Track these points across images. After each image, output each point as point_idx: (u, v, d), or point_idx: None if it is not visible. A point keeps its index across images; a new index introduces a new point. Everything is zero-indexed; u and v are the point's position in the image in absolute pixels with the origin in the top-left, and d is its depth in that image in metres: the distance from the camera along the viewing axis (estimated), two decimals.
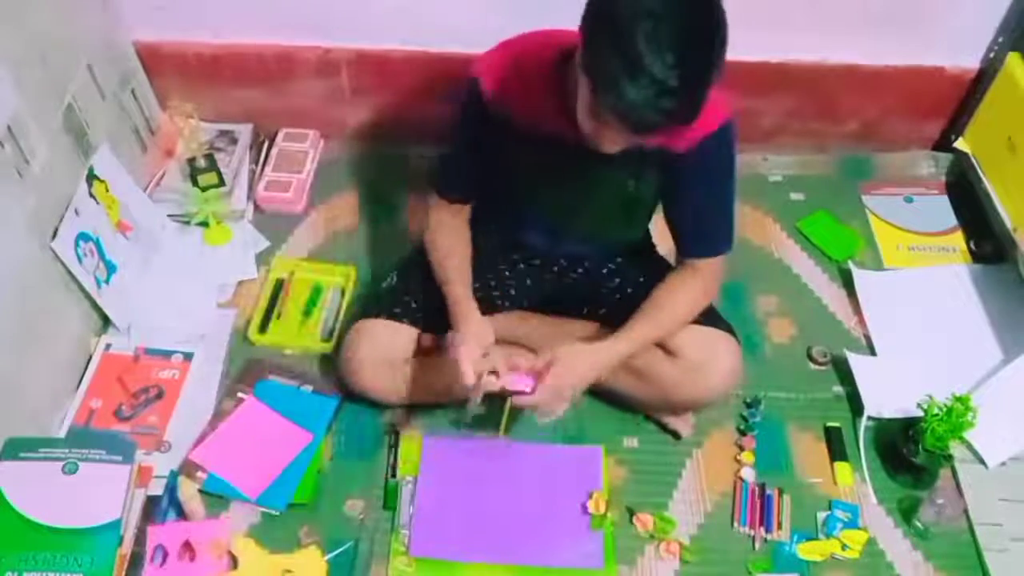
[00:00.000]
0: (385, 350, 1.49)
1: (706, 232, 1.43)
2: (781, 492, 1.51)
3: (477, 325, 1.39)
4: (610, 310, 1.53)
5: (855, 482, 1.53)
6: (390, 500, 1.48)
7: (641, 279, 1.51)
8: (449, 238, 1.50)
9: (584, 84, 1.12)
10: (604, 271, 1.57)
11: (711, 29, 1.06)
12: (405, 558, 1.42)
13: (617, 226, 1.51)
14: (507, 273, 1.59)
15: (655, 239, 1.62)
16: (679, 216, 1.42)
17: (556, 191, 1.42)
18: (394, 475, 1.51)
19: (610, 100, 1.08)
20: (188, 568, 1.36)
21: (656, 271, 1.48)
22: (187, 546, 1.37)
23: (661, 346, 1.46)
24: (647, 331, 1.40)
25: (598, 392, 1.59)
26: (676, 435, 1.57)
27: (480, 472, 1.52)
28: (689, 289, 1.43)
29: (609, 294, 1.55)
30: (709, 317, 1.50)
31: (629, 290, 1.53)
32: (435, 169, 1.52)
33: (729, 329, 1.50)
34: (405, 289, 1.55)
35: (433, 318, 1.53)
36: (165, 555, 1.37)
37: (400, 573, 1.40)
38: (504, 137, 1.35)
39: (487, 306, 1.56)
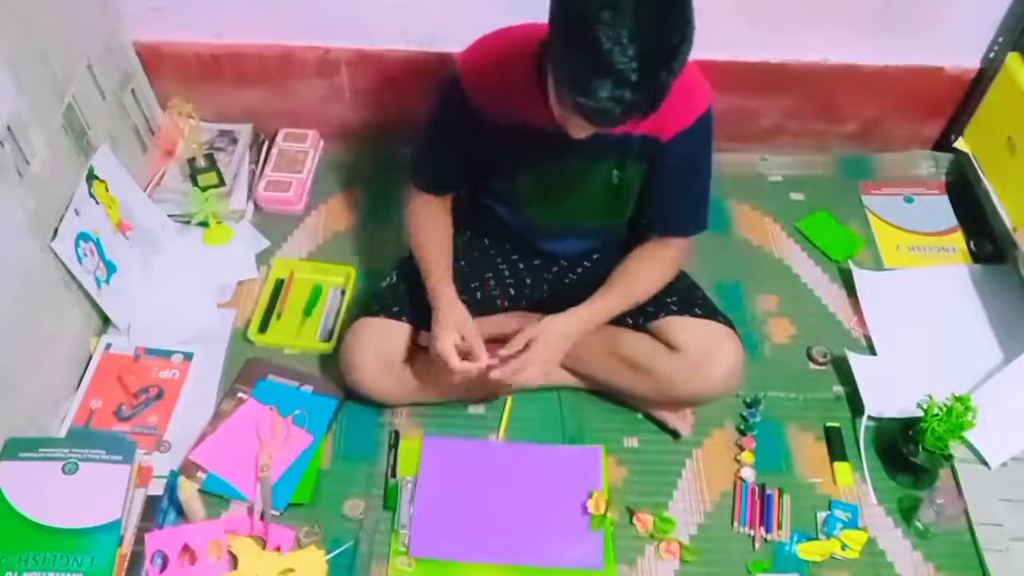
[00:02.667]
0: (385, 348, 1.49)
1: (681, 214, 1.45)
2: (781, 492, 1.51)
3: (451, 306, 1.41)
4: None
5: (855, 482, 1.53)
6: (390, 500, 1.48)
7: None
8: (427, 224, 1.51)
9: (550, 77, 1.14)
10: (603, 271, 1.57)
11: (674, 19, 1.05)
12: (405, 558, 1.42)
13: (605, 218, 1.50)
14: (506, 273, 1.59)
15: None
16: (655, 198, 1.43)
17: (543, 184, 1.43)
18: (394, 475, 1.51)
19: (570, 93, 1.09)
20: (189, 571, 1.36)
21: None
22: (186, 549, 1.38)
23: (663, 341, 1.47)
24: (617, 301, 1.43)
25: (598, 390, 1.59)
26: (676, 434, 1.57)
27: (480, 472, 1.52)
28: (659, 260, 1.46)
29: None
30: (708, 310, 1.50)
31: None
32: (412, 159, 1.52)
33: (728, 323, 1.50)
34: (404, 287, 1.55)
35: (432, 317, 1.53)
36: (165, 560, 1.37)
37: (400, 573, 1.40)
38: (488, 131, 1.35)
39: (487, 306, 1.56)
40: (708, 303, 1.54)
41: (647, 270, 1.46)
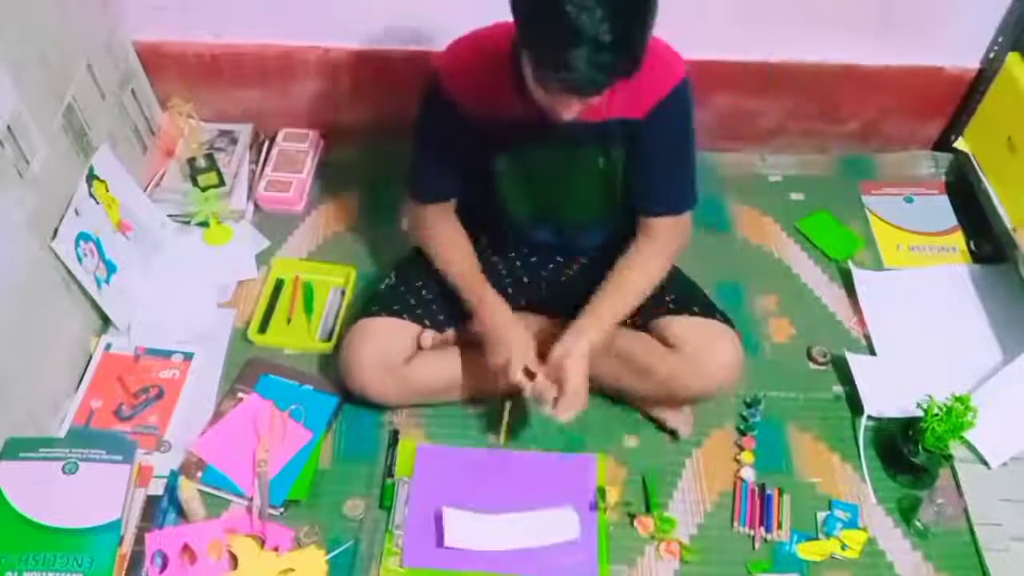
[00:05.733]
0: (385, 349, 1.48)
1: (667, 192, 1.44)
2: (781, 492, 1.51)
3: (513, 331, 1.42)
4: None
5: (855, 482, 1.53)
6: (386, 499, 1.48)
7: None
8: (449, 240, 1.51)
9: (525, 60, 1.16)
10: (597, 269, 1.57)
11: None
12: (397, 559, 1.41)
13: (597, 209, 1.50)
14: (504, 272, 1.59)
15: None
16: (640, 178, 1.42)
17: (530, 178, 1.44)
18: (391, 475, 1.51)
19: (550, 69, 1.10)
20: (189, 571, 1.36)
21: None
22: (186, 549, 1.38)
23: (661, 340, 1.47)
24: (616, 311, 1.43)
25: (598, 389, 1.59)
26: (675, 434, 1.57)
27: (473, 480, 1.51)
28: (647, 258, 1.46)
29: None
30: (707, 309, 1.51)
31: None
32: (409, 174, 1.50)
33: (727, 320, 1.50)
34: (405, 288, 1.56)
35: (433, 317, 1.53)
36: (165, 560, 1.37)
37: (392, 574, 1.40)
38: (474, 130, 1.35)
39: None
40: (707, 302, 1.54)
41: (637, 268, 1.45)
